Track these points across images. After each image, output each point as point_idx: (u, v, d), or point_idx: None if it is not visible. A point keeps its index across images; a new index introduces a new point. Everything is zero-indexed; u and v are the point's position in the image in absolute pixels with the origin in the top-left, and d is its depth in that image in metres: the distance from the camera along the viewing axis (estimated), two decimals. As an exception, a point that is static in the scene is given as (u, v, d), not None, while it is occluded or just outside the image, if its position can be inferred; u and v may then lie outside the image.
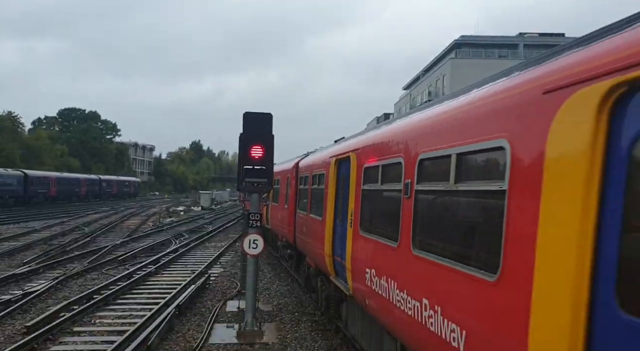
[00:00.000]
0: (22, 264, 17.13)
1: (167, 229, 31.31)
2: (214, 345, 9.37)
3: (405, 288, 5.04)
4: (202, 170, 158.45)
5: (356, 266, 7.05)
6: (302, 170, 12.69)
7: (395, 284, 5.34)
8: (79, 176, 69.98)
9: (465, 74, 56.43)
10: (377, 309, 6.09)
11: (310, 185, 11.47)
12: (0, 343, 9.11)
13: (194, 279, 14.84)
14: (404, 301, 5.03)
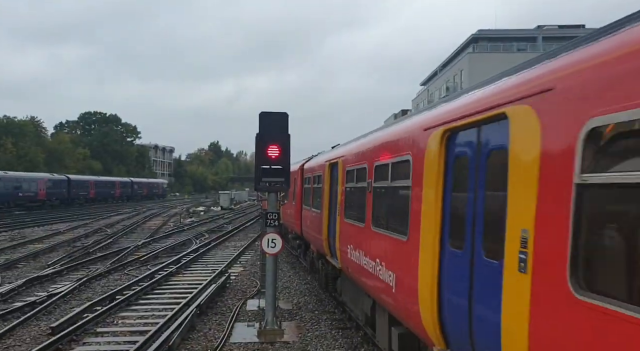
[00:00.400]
0: (47, 266, 17.46)
1: (188, 229, 31.61)
2: (235, 344, 9.41)
3: (368, 254, 7.44)
4: (220, 170, 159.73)
5: (342, 245, 9.41)
6: (306, 171, 14.60)
7: (363, 252, 7.78)
8: (113, 179, 76.08)
9: (483, 69, 55.75)
10: (354, 273, 8.49)
11: (312, 184, 13.64)
12: (26, 344, 9.29)
13: (215, 278, 14.95)
14: (367, 262, 7.41)
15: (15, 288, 13.39)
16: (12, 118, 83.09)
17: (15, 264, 17.82)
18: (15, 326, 10.11)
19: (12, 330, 9.91)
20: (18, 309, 11.43)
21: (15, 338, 9.57)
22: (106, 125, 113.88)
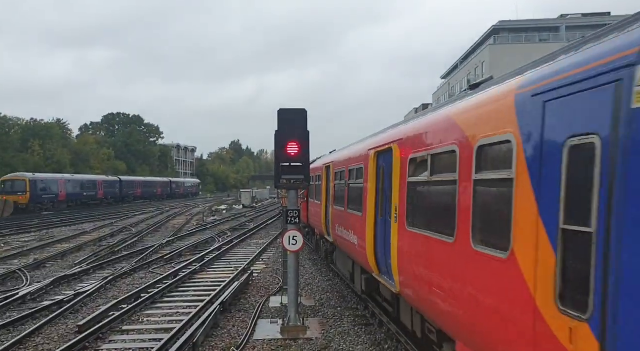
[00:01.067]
0: (74, 265, 17.80)
1: (211, 228, 31.89)
2: (259, 340, 9.44)
3: (346, 228, 11.06)
4: (242, 169, 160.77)
5: (333, 225, 13.02)
6: (311, 171, 16.87)
7: (343, 227, 11.45)
8: (156, 179, 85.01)
9: (505, 60, 54.84)
10: (340, 242, 12.17)
11: (315, 182, 17.02)
12: (55, 342, 9.47)
13: (238, 276, 15.03)
14: (346, 233, 10.93)
15: (43, 288, 13.67)
16: (39, 121, 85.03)
17: (43, 264, 18.21)
18: (43, 324, 10.31)
19: (40, 329, 10.11)
20: (46, 308, 11.67)
21: (44, 337, 9.76)
22: (129, 126, 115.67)
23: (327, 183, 14.25)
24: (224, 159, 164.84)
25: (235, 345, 8.98)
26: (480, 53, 59.80)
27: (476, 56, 61.48)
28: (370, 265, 8.62)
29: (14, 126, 79.99)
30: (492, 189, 4.42)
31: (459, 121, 5.12)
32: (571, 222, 3.28)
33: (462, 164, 4.86)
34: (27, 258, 19.91)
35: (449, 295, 5.08)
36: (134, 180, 75.17)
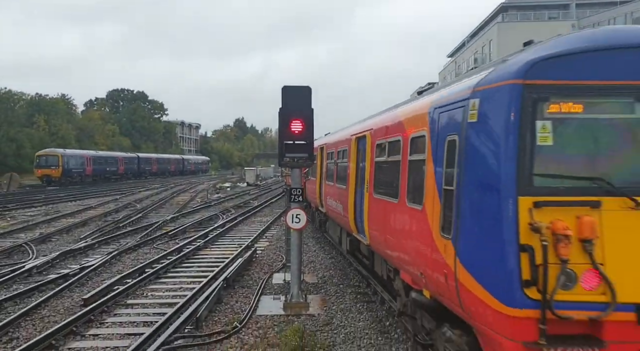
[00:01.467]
0: (79, 240, 17.98)
1: (215, 205, 32.05)
2: (261, 316, 9.56)
3: (335, 199, 12.67)
4: (246, 147, 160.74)
5: (325, 197, 14.69)
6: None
7: (333, 199, 13.03)
8: (170, 156, 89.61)
9: (513, 38, 54.05)
10: (330, 212, 13.80)
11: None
12: (60, 314, 9.62)
13: (241, 253, 15.15)
14: (335, 204, 12.57)
15: (49, 261, 13.84)
16: (44, 96, 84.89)
17: (49, 238, 18.41)
18: (49, 297, 10.47)
19: (46, 301, 10.27)
20: (52, 281, 11.84)
21: (50, 309, 9.92)
22: (134, 102, 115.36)
23: (321, 162, 16.00)
24: (228, 137, 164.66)
25: (238, 320, 9.09)
26: (488, 31, 58.95)
27: (484, 34, 60.62)
28: (351, 226, 10.53)
29: (19, 100, 79.94)
30: (416, 166, 6.40)
31: (403, 120, 7.24)
32: (446, 184, 5.26)
33: (404, 149, 6.94)
34: (33, 232, 20.11)
35: (394, 238, 7.28)
36: (150, 156, 79.70)
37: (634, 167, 4.43)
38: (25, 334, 8.57)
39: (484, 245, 4.58)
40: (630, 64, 4.44)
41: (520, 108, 4.44)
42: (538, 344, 4.20)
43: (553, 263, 4.20)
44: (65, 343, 8.19)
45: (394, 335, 8.55)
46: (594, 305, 4.20)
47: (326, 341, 8.21)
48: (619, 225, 4.27)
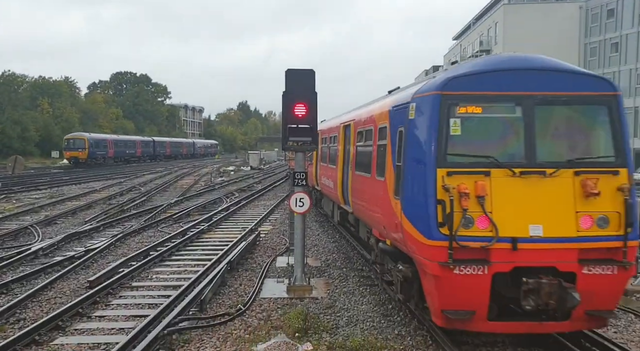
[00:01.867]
0: (84, 222, 18.09)
1: (219, 188, 32.13)
2: (265, 299, 9.64)
3: (327, 177, 14.73)
4: (250, 130, 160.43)
5: (320, 177, 16.68)
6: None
7: (326, 177, 14.99)
8: (182, 140, 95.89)
9: (520, 20, 53.43)
10: (325, 189, 15.69)
11: None
12: (66, 296, 9.73)
13: (245, 236, 15.23)
14: (328, 182, 14.47)
15: (55, 243, 13.95)
16: (47, 79, 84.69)
17: (54, 220, 18.53)
18: (55, 279, 10.58)
19: (52, 283, 10.38)
20: (58, 263, 11.95)
21: (56, 291, 10.03)
22: (137, 85, 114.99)
23: (322, 148, 17.74)
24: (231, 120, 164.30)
25: (242, 303, 9.17)
26: (494, 13, 58.21)
27: (490, 16, 59.88)
28: (340, 199, 12.73)
29: (22, 83, 79.80)
30: (381, 149, 8.58)
31: (374, 114, 9.49)
32: (397, 161, 7.48)
33: (374, 136, 9.21)
34: (38, 214, 20.25)
35: (368, 204, 9.57)
36: (164, 140, 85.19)
37: (513, 149, 6.71)
38: (32, 315, 8.68)
39: (416, 201, 6.84)
40: (511, 80, 6.76)
41: (439, 110, 6.70)
42: (447, 264, 6.39)
43: (458, 211, 6.41)
44: (72, 324, 8.30)
45: (396, 318, 8.62)
46: (484, 238, 6.40)
47: (329, 323, 8.29)
48: (501, 187, 6.51)
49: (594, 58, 52.01)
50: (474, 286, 6.43)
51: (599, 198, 6.46)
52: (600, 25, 51.32)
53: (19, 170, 31.45)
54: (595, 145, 6.94)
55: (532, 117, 6.68)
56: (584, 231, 6.46)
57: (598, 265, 6.49)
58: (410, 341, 7.65)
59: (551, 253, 6.43)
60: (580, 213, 6.48)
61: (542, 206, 6.48)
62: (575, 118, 6.99)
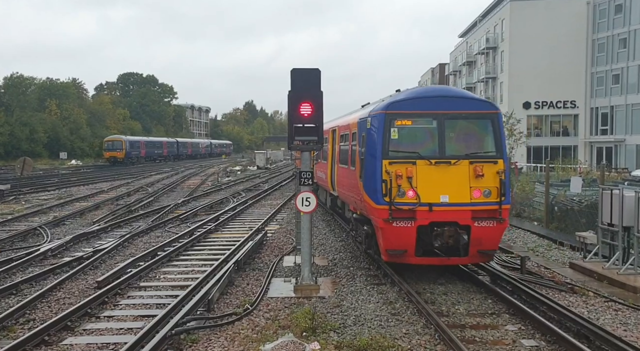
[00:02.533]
0: (92, 223, 18.19)
1: (225, 188, 32.20)
2: (272, 298, 9.65)
3: (320, 171, 18.01)
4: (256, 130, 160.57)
5: (316, 171, 18.28)
6: None
7: (320, 171, 18.05)
8: (201, 141, 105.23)
9: (527, 17, 53.08)
10: (320, 182, 18.48)
11: None
12: (75, 296, 9.79)
13: (252, 236, 15.25)
14: (322, 175, 17.60)
15: (63, 244, 14.04)
16: (54, 81, 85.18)
17: (63, 221, 18.66)
18: (64, 280, 10.65)
19: (61, 283, 10.44)
20: (66, 264, 12.02)
21: (65, 291, 10.09)
22: (144, 85, 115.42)
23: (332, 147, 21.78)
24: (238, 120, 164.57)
25: (250, 302, 9.19)
26: (501, 10, 57.87)
27: (496, 13, 59.53)
28: (329, 187, 16.09)
29: (30, 85, 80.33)
30: (354, 148, 11.99)
31: (350, 122, 13.07)
32: (361, 156, 10.97)
33: (350, 138, 12.67)
34: (47, 215, 20.39)
35: (346, 187, 12.89)
36: (186, 141, 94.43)
37: (430, 147, 10.14)
38: (42, 315, 8.74)
39: (370, 181, 10.23)
40: (430, 104, 10.33)
41: (384, 123, 10.16)
42: (389, 219, 9.78)
43: (395, 187, 9.79)
44: (81, 324, 8.35)
45: (404, 317, 8.60)
46: (412, 204, 9.77)
47: (337, 323, 8.28)
48: (423, 171, 9.87)
49: (601, 54, 51.59)
50: (405, 234, 9.85)
51: (484, 178, 9.94)
52: (608, 20, 50.87)
53: (27, 171, 31.67)
54: (482, 145, 10.39)
55: (442, 127, 10.17)
56: (475, 199, 9.92)
57: (484, 220, 9.90)
58: (417, 340, 7.64)
59: (454, 213, 9.88)
60: (472, 187, 9.96)
61: (449, 183, 9.92)
62: (470, 127, 10.56)
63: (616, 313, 8.89)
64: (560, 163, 32.88)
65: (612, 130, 50.48)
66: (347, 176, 12.70)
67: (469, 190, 9.91)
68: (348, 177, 12.64)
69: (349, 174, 12.51)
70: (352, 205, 12.54)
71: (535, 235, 16.19)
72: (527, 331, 8.04)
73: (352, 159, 12.12)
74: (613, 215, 11.25)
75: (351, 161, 12.22)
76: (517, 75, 53.15)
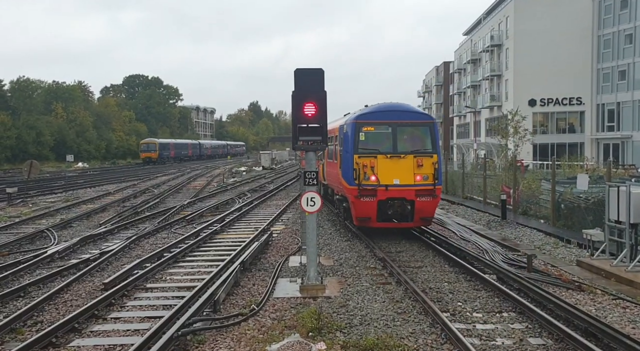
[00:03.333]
0: (99, 225, 18.27)
1: (231, 189, 32.26)
2: (278, 298, 9.65)
3: (327, 170, 19.48)
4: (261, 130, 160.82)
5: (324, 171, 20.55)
6: None
7: (324, 169, 20.33)
8: (218, 143, 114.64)
9: (531, 14, 52.81)
10: (327, 179, 19.92)
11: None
12: (82, 298, 9.83)
13: (258, 236, 15.26)
14: (327, 172, 19.67)
15: (70, 246, 14.11)
16: (60, 84, 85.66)
17: (70, 223, 18.75)
18: (71, 282, 10.69)
19: (68, 285, 10.49)
20: (73, 266, 12.07)
21: (72, 293, 10.14)
22: (149, 87, 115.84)
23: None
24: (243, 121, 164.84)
25: (256, 303, 9.19)
26: (505, 7, 57.61)
27: (500, 11, 59.28)
28: (322, 178, 19.70)
29: (36, 88, 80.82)
30: (337, 146, 16.37)
31: (335, 127, 17.17)
32: (340, 152, 15.48)
33: (335, 140, 16.94)
34: (54, 218, 20.50)
35: (332, 176, 17.44)
36: (206, 143, 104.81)
37: (387, 146, 14.40)
38: (49, 317, 8.79)
39: (346, 169, 14.60)
40: (386, 115, 14.76)
41: (355, 129, 14.54)
42: (358, 196, 14.17)
43: (362, 173, 14.12)
44: (88, 326, 8.39)
45: (410, 317, 8.58)
46: (374, 185, 14.08)
47: (343, 322, 8.27)
48: (381, 163, 14.17)
49: (607, 50, 51.23)
50: (369, 206, 14.12)
51: (423, 167, 14.15)
52: (613, 16, 50.51)
53: (34, 174, 31.85)
54: (422, 144, 14.60)
55: (395, 132, 14.42)
56: (417, 182, 14.12)
57: (424, 196, 14.09)
58: (424, 340, 7.62)
59: (403, 191, 14.08)
60: (416, 174, 14.15)
61: (399, 171, 14.10)
62: (414, 132, 14.81)
63: (624, 311, 8.84)
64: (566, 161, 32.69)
65: (618, 126, 50.12)
66: (333, 168, 17.14)
67: (413, 176, 14.18)
68: (333, 168, 16.99)
69: (334, 166, 16.89)
70: (336, 189, 17.28)
71: (541, 233, 16.13)
72: (534, 330, 8.01)
73: (336, 155, 16.43)
74: (620, 212, 11.18)
75: (335, 156, 16.52)
76: (522, 72, 52.87)
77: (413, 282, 10.15)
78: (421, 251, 13.79)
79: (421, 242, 14.74)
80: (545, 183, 19.89)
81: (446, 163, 31.12)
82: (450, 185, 28.63)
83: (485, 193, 23.06)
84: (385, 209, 14.07)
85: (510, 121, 30.27)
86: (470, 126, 69.85)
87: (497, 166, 31.18)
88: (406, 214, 14.13)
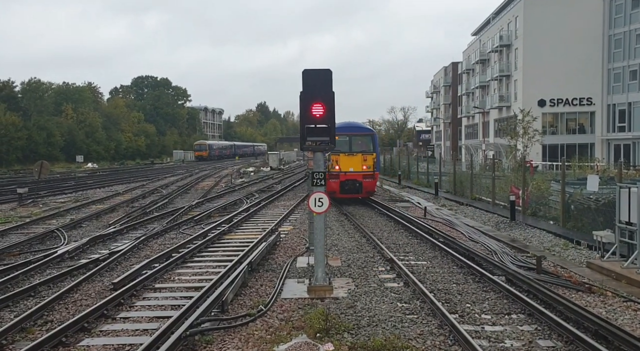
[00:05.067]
0: (108, 225, 18.39)
1: (239, 189, 32.35)
2: (286, 299, 9.66)
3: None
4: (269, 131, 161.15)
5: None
6: None
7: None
8: (247, 144, 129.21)
9: (541, 14, 52.49)
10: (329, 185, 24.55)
11: None
12: (92, 298, 9.90)
13: (265, 237, 15.29)
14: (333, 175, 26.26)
15: (80, 246, 14.21)
16: (70, 85, 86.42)
17: (79, 224, 18.89)
18: (81, 281, 10.76)
19: (78, 285, 10.56)
20: (83, 266, 12.16)
21: (82, 293, 10.21)
22: (157, 88, 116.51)
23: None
24: (250, 121, 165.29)
25: (263, 303, 9.20)
26: (514, 7, 57.30)
27: (510, 10, 58.97)
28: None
29: (47, 90, 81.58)
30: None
31: None
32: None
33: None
34: (64, 218, 20.66)
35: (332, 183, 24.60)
36: (239, 144, 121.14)
37: (345, 147, 23.65)
38: (59, 317, 8.85)
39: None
40: (346, 129, 24.01)
41: None
42: (330, 178, 21.63)
43: (331, 165, 23.16)
44: (97, 325, 8.44)
45: (418, 318, 8.55)
46: (338, 172, 23.66)
47: (350, 323, 8.26)
48: (343, 158, 23.67)
49: (618, 50, 50.76)
50: (335, 184, 23.16)
51: (367, 161, 23.66)
52: (624, 16, 50.04)
53: (44, 175, 32.13)
54: (367, 147, 24.24)
55: (351, 140, 24.01)
56: (363, 170, 23.64)
57: (367, 178, 23.80)
58: (432, 341, 7.59)
59: (355, 175, 23.59)
60: (362, 165, 23.60)
61: (353, 163, 23.53)
62: (362, 140, 24.53)
63: (635, 313, 8.75)
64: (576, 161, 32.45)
65: (629, 127, 49.61)
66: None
67: (361, 166, 23.41)
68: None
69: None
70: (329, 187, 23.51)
71: (551, 234, 16.02)
72: (543, 332, 7.95)
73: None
74: (631, 213, 11.07)
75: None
76: (532, 72, 52.56)
77: (421, 283, 10.12)
78: (429, 251, 13.75)
79: (428, 243, 14.69)
80: (554, 184, 19.77)
81: (454, 164, 31.05)
82: (458, 185, 28.52)
83: (494, 194, 22.95)
84: (344, 186, 23.47)
85: (521, 121, 30.11)
86: (479, 127, 69.53)
87: (504, 167, 31.02)
88: (357, 189, 23.53)
